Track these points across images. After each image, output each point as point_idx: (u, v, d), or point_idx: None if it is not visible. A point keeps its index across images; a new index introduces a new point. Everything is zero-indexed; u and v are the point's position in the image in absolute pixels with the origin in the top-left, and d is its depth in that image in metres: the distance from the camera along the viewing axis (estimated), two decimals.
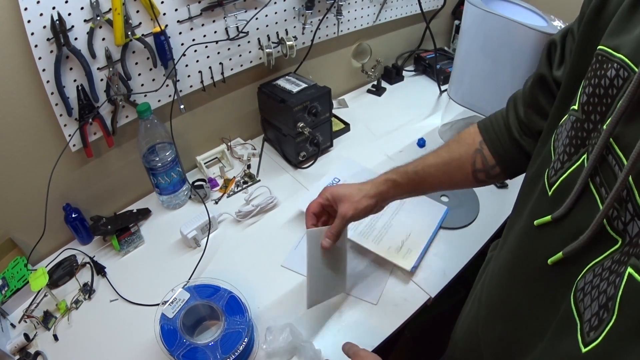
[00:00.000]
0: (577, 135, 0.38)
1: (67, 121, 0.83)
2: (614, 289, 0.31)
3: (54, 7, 0.72)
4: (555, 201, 0.39)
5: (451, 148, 0.64)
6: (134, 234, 0.93)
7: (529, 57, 0.92)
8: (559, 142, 0.41)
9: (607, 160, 0.34)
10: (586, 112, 0.37)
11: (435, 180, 0.65)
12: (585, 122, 0.37)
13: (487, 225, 0.96)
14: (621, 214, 0.32)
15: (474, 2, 0.95)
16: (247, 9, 0.98)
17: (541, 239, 0.41)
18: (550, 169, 0.41)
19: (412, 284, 0.84)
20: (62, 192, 0.90)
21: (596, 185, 0.34)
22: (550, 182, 0.40)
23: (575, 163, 0.37)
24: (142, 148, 0.92)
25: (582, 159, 0.37)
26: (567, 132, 0.39)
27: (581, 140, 0.37)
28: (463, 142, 0.64)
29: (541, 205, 0.41)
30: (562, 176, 0.39)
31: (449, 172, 0.64)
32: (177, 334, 0.69)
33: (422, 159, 0.65)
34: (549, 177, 0.41)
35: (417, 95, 1.42)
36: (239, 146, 1.18)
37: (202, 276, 0.86)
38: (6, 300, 0.80)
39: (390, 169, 0.67)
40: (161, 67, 0.91)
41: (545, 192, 0.41)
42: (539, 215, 0.41)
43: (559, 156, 0.40)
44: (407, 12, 1.38)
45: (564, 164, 0.39)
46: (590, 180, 0.35)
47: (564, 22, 1.33)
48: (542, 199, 0.41)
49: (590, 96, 0.36)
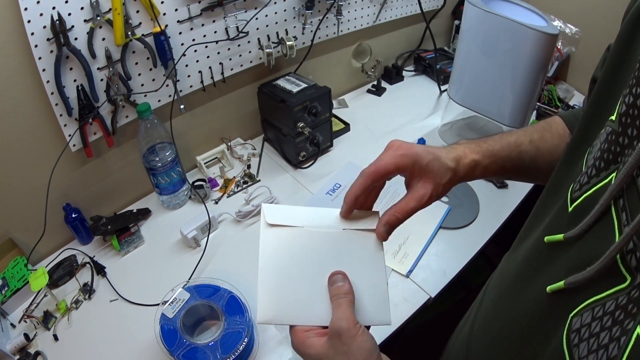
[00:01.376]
0: (609, 149, 0.34)
1: (67, 121, 0.83)
2: (617, 348, 0.27)
3: (54, 7, 0.72)
4: (573, 219, 0.35)
5: (545, 137, 0.56)
6: (134, 234, 0.93)
7: (529, 57, 0.92)
8: (591, 155, 0.37)
9: (636, 183, 0.30)
10: (623, 124, 0.33)
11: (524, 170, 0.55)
12: (620, 135, 0.33)
13: (487, 225, 0.96)
14: (638, 249, 0.28)
15: (474, 2, 0.95)
16: (247, 9, 0.98)
17: (548, 259, 0.37)
18: (575, 183, 0.37)
19: (412, 284, 0.84)
20: (62, 192, 0.90)
21: (618, 208, 0.31)
22: (573, 197, 0.36)
23: (603, 180, 0.33)
24: (142, 148, 0.92)
25: (610, 177, 0.33)
26: (601, 144, 0.35)
27: (613, 156, 0.33)
28: (555, 132, 0.56)
29: (558, 221, 0.38)
30: (586, 192, 0.35)
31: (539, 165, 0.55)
32: (177, 334, 0.69)
33: (515, 143, 0.54)
34: (573, 191, 0.37)
35: (417, 95, 1.42)
36: (239, 146, 1.18)
37: (202, 276, 0.86)
38: (6, 300, 0.80)
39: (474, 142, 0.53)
40: (161, 67, 0.91)
41: (565, 206, 0.37)
42: (553, 231, 0.37)
43: (587, 169, 0.36)
44: (407, 12, 1.38)
45: (591, 179, 0.35)
46: (612, 202, 0.31)
47: (564, 22, 1.34)
48: (561, 214, 0.38)
49: (630, 107, 0.32)
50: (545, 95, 1.32)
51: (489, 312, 0.46)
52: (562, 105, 1.30)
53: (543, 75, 0.96)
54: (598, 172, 0.34)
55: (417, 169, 0.47)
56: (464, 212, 0.98)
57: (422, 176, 0.48)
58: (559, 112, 0.59)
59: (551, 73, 1.39)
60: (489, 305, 0.47)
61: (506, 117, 1.03)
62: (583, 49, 1.35)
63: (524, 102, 0.99)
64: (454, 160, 0.49)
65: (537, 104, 1.27)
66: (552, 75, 1.41)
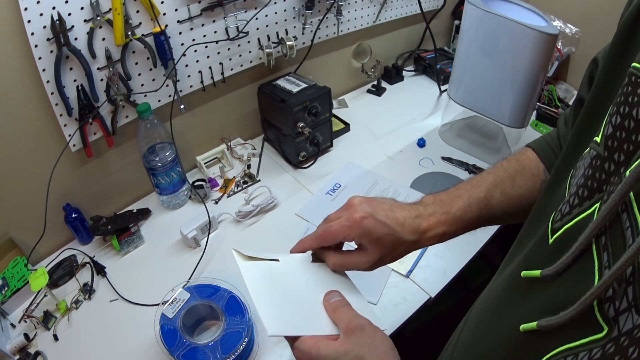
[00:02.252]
0: (594, 176, 0.30)
1: (67, 121, 0.83)
2: None
3: (54, 7, 0.72)
4: (553, 253, 0.32)
5: (517, 184, 0.53)
6: (134, 234, 0.93)
7: (529, 57, 0.92)
8: (574, 180, 0.34)
9: (621, 219, 0.26)
10: (609, 148, 0.30)
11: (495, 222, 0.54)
12: (606, 161, 0.30)
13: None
14: (617, 298, 0.25)
15: (474, 2, 0.95)
16: (247, 9, 0.98)
17: (524, 295, 0.35)
18: (557, 211, 0.34)
19: (412, 284, 0.84)
20: (62, 192, 0.90)
21: (599, 247, 0.28)
22: (554, 227, 0.34)
23: (586, 211, 0.30)
24: (142, 148, 0.92)
25: (594, 208, 0.30)
26: (585, 169, 0.32)
27: (598, 184, 0.30)
28: (528, 174, 0.53)
29: (538, 253, 0.35)
30: (567, 224, 0.32)
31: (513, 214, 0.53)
32: (177, 334, 0.69)
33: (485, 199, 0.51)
34: (554, 220, 0.34)
35: (417, 95, 1.42)
36: (239, 146, 1.18)
37: (202, 276, 0.86)
38: (6, 300, 0.80)
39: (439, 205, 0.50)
40: (161, 67, 0.91)
41: (546, 237, 0.34)
42: (531, 264, 0.35)
43: (569, 197, 0.33)
44: (407, 12, 1.38)
45: (573, 209, 0.32)
46: (594, 240, 0.28)
47: (564, 22, 1.34)
48: (541, 246, 0.35)
49: (617, 128, 0.29)
50: (545, 95, 1.32)
51: (467, 343, 0.45)
52: (562, 105, 1.30)
53: (543, 75, 0.96)
54: (581, 201, 0.31)
55: (367, 240, 0.46)
56: None
57: (373, 244, 0.46)
58: (530, 143, 0.57)
59: (551, 73, 1.39)
60: (468, 336, 0.46)
61: (506, 117, 1.03)
62: (583, 49, 1.35)
63: (524, 102, 0.99)
64: (415, 233, 0.48)
65: (537, 104, 1.27)
66: (552, 75, 1.41)
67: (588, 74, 0.45)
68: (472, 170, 1.10)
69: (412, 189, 1.03)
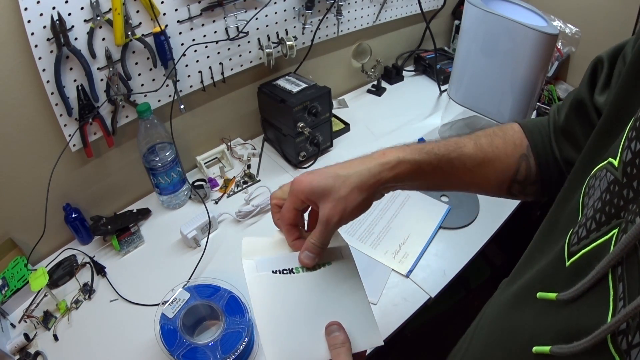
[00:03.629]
0: (611, 202, 0.30)
1: (67, 121, 0.83)
2: None
3: (54, 7, 0.72)
4: (570, 276, 0.32)
5: (494, 143, 0.50)
6: (134, 234, 0.93)
7: (529, 57, 0.92)
8: (589, 200, 0.33)
9: (637, 251, 0.26)
10: (628, 175, 0.29)
11: (466, 177, 0.49)
12: (625, 187, 0.29)
13: (487, 225, 0.96)
14: (630, 331, 0.25)
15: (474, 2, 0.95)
16: (247, 9, 0.98)
17: (538, 315, 0.35)
18: (573, 233, 0.33)
19: (412, 284, 0.84)
20: (62, 192, 0.90)
21: (615, 277, 0.27)
22: (571, 250, 0.33)
23: (603, 237, 0.30)
24: (142, 148, 0.92)
25: (611, 234, 0.29)
26: (602, 192, 0.31)
27: (616, 210, 0.29)
28: (509, 140, 0.50)
29: (554, 275, 0.34)
30: (584, 249, 0.31)
31: (486, 174, 0.49)
32: (177, 334, 0.69)
33: (455, 143, 0.48)
34: (570, 243, 0.33)
35: (417, 95, 1.42)
36: (239, 146, 1.18)
37: (202, 276, 0.86)
38: (6, 300, 0.80)
39: (403, 144, 0.48)
40: (161, 67, 0.91)
41: (562, 258, 0.33)
42: (546, 285, 0.34)
43: (586, 221, 0.32)
44: (407, 12, 1.38)
45: (590, 234, 0.31)
46: (610, 270, 0.28)
47: (564, 22, 1.34)
48: (557, 267, 0.34)
49: (637, 155, 0.28)
50: (545, 95, 1.32)
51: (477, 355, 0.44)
52: None
53: (543, 75, 0.96)
54: (598, 226, 0.31)
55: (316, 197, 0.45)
56: (464, 212, 0.98)
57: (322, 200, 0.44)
58: (517, 119, 0.54)
59: (551, 73, 1.39)
60: (478, 347, 0.45)
61: (506, 117, 1.03)
62: (583, 49, 1.35)
63: (524, 102, 0.99)
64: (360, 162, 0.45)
65: (537, 104, 1.27)
66: (552, 75, 1.41)
67: (590, 74, 0.44)
68: None
69: None
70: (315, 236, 0.46)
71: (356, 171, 0.44)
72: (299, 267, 0.47)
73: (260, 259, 0.47)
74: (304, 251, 0.46)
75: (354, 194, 0.44)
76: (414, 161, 0.45)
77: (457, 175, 0.48)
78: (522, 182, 0.50)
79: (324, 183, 0.44)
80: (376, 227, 0.94)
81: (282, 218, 0.48)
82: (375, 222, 0.95)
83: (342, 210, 0.44)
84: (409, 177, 0.45)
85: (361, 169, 0.44)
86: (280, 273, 0.46)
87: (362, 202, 0.44)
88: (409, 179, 0.46)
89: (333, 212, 0.44)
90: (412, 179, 0.46)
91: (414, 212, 0.97)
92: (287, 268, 0.47)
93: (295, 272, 0.47)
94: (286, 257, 0.48)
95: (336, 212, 0.44)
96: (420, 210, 0.97)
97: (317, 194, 0.44)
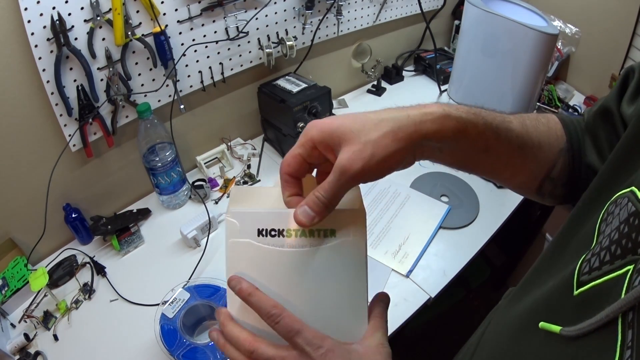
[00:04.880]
0: (629, 235, 0.28)
1: (67, 121, 0.83)
2: None
3: (54, 7, 0.72)
4: (576, 309, 0.30)
5: (539, 128, 0.44)
6: (134, 234, 0.94)
7: (529, 57, 0.92)
8: (606, 227, 0.31)
9: None
10: None
11: (505, 156, 0.42)
12: None
13: (487, 225, 0.96)
14: None
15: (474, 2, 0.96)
16: (247, 9, 0.98)
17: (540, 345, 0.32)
18: (585, 261, 0.31)
19: (412, 284, 0.84)
20: (62, 192, 0.90)
21: (625, 323, 0.26)
22: (581, 280, 0.31)
23: (616, 272, 0.28)
24: (142, 148, 0.92)
25: (625, 270, 0.27)
26: (621, 223, 0.29)
27: (633, 245, 0.27)
28: (552, 129, 0.45)
29: (559, 304, 0.32)
30: (595, 281, 0.29)
31: (525, 160, 0.43)
32: (177, 334, 0.69)
33: (501, 115, 0.42)
34: (581, 271, 0.31)
35: (417, 96, 1.42)
36: (239, 146, 1.18)
37: (202, 276, 0.86)
38: (6, 300, 0.80)
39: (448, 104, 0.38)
40: (161, 67, 0.91)
41: (570, 285, 0.31)
42: (551, 313, 0.32)
43: (600, 250, 0.30)
44: (407, 12, 1.38)
45: (603, 265, 0.29)
46: (621, 315, 0.26)
47: (564, 22, 1.34)
48: (564, 295, 0.32)
49: None
50: (545, 95, 1.32)
51: None
52: (562, 105, 1.30)
53: (543, 75, 0.96)
54: (613, 259, 0.29)
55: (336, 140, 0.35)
56: (464, 212, 0.98)
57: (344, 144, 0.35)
58: (558, 114, 0.49)
59: (551, 73, 1.39)
60: None
61: None
62: (583, 49, 1.35)
63: (524, 102, 0.99)
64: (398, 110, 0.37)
65: (537, 104, 1.27)
66: (552, 75, 1.41)
67: (621, 82, 0.41)
68: None
69: (412, 188, 1.04)
70: (323, 188, 0.36)
71: (393, 116, 0.35)
72: (291, 230, 0.38)
73: (246, 212, 0.39)
74: (303, 205, 0.36)
75: (387, 139, 0.34)
76: (460, 119, 0.36)
77: (499, 151, 0.41)
78: (555, 180, 0.45)
79: (349, 124, 0.35)
80: (376, 227, 0.94)
81: (282, 165, 0.38)
82: (375, 222, 0.95)
83: (369, 157, 0.34)
84: (453, 136, 0.37)
85: (399, 115, 0.36)
86: (267, 235, 0.38)
87: (395, 154, 0.35)
88: (451, 139, 0.37)
89: (355, 158, 0.34)
90: (456, 139, 0.37)
91: (414, 212, 0.97)
92: (276, 229, 0.38)
93: (287, 235, 0.38)
94: (279, 215, 0.38)
95: (359, 159, 0.34)
96: (420, 210, 0.97)
97: (337, 135, 0.35)
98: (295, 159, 0.37)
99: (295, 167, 0.38)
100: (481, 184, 1.06)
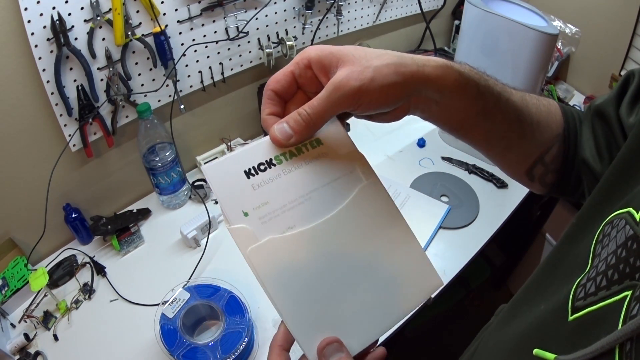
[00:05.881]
0: (627, 260, 0.27)
1: (67, 121, 0.83)
2: None
3: (54, 7, 0.72)
4: (572, 334, 0.29)
5: (541, 108, 0.43)
6: (134, 234, 0.93)
7: (529, 57, 0.92)
8: (602, 250, 0.30)
9: None
10: None
11: (504, 127, 0.41)
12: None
13: (487, 225, 0.96)
14: None
15: (474, 2, 0.95)
16: (247, 9, 0.98)
17: None
18: (580, 286, 0.30)
19: None
20: (62, 192, 0.90)
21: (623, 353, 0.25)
22: (576, 305, 0.29)
23: (613, 297, 0.27)
24: (142, 148, 0.92)
25: (623, 295, 0.26)
26: (617, 247, 0.28)
27: (631, 270, 0.26)
28: (553, 113, 0.44)
29: (553, 328, 0.31)
30: (591, 307, 0.28)
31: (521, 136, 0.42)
32: (177, 334, 0.69)
33: (503, 85, 0.41)
34: (576, 296, 0.30)
35: None
36: (238, 146, 1.18)
37: (202, 276, 0.86)
38: (6, 300, 0.80)
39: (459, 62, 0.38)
40: (161, 67, 0.91)
41: (565, 310, 0.30)
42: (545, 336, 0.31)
43: (596, 275, 0.29)
44: (407, 12, 1.38)
45: (599, 291, 0.28)
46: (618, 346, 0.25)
47: (564, 22, 1.34)
48: (558, 319, 0.31)
49: None
50: (545, 95, 1.32)
51: None
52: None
53: (543, 75, 0.96)
54: (609, 284, 0.28)
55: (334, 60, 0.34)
56: (464, 212, 0.98)
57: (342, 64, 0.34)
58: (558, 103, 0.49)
59: (551, 73, 1.39)
60: None
61: None
62: (583, 49, 1.35)
63: None
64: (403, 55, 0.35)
65: None
66: (552, 75, 1.41)
67: (620, 85, 0.41)
68: (472, 170, 1.10)
69: (412, 189, 1.04)
70: (309, 104, 0.33)
71: (397, 54, 0.35)
72: (279, 156, 0.35)
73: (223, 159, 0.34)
74: (282, 122, 0.34)
75: (388, 69, 0.33)
76: (463, 74, 0.36)
77: (496, 119, 0.40)
78: (547, 164, 0.44)
79: (351, 49, 0.34)
80: None
81: (269, 81, 0.36)
82: None
83: (368, 80, 0.32)
84: (452, 88, 0.35)
85: (403, 54, 0.35)
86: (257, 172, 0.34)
87: (394, 86, 0.33)
88: (450, 91, 0.36)
89: (353, 77, 0.32)
90: (455, 93, 0.36)
91: (414, 212, 0.97)
92: (263, 160, 0.35)
93: (277, 162, 0.35)
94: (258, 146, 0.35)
95: (358, 79, 0.32)
96: (420, 210, 0.97)
97: (335, 56, 0.34)
98: (286, 76, 0.35)
99: (283, 84, 0.36)
100: (481, 183, 1.06)
